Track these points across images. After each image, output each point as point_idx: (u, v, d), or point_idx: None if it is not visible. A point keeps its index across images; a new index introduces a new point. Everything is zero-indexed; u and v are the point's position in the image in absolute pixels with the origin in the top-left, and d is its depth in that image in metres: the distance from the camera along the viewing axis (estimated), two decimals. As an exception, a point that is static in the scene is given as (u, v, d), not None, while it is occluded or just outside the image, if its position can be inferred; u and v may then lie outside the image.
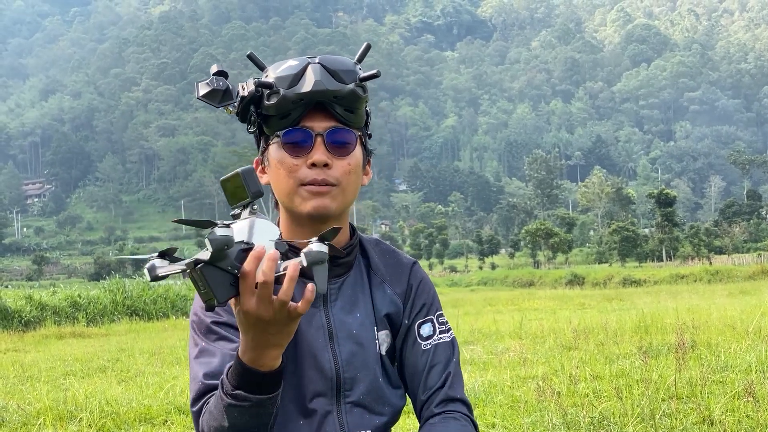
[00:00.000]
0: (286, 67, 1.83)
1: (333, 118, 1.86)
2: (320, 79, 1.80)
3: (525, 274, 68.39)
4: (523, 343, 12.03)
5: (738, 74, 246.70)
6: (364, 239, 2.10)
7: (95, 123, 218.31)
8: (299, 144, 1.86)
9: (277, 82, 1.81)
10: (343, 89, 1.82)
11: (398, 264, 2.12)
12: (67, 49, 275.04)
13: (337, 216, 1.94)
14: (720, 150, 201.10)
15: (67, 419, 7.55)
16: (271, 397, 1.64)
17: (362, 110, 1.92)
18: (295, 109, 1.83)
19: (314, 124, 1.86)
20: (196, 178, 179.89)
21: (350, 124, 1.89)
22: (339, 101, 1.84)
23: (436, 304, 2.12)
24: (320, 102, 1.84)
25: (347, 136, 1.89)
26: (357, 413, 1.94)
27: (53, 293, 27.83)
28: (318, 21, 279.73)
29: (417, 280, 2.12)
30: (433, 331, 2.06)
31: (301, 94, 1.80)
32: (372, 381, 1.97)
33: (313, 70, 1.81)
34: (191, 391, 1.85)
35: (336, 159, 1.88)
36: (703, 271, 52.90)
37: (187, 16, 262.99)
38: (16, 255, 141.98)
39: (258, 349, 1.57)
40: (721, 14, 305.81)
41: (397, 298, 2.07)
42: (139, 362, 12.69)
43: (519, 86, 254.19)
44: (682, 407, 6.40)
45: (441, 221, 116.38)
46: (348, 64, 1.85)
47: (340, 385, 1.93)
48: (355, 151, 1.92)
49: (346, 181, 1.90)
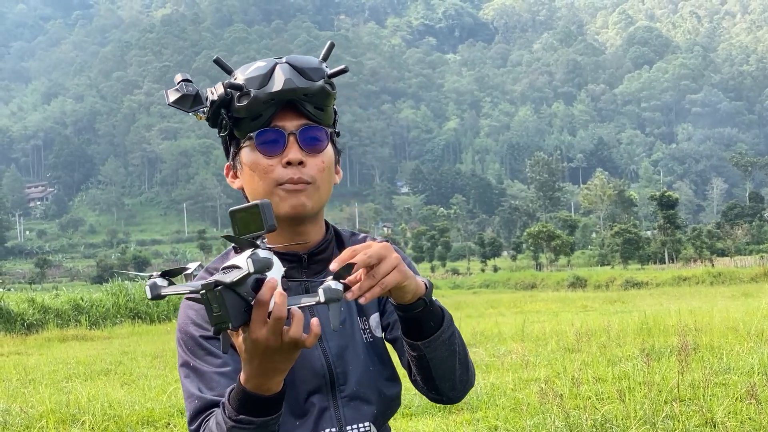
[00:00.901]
0: (255, 68, 1.85)
1: (304, 116, 1.88)
2: (290, 78, 1.82)
3: (527, 277, 68.41)
4: (525, 345, 12.04)
5: (740, 76, 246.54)
6: (339, 233, 2.11)
7: (97, 126, 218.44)
8: (273, 144, 1.87)
9: (247, 83, 1.82)
10: (312, 86, 1.84)
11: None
12: (70, 52, 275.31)
13: (313, 215, 1.96)
14: (722, 152, 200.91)
15: (70, 422, 7.57)
16: (275, 416, 1.66)
17: (331, 108, 1.94)
18: (266, 110, 1.84)
19: (286, 123, 1.87)
20: (199, 181, 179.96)
21: (321, 121, 1.91)
22: (309, 99, 1.86)
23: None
24: (291, 101, 1.85)
25: (319, 134, 1.91)
26: (353, 406, 1.95)
27: (56, 296, 27.87)
28: (320, 24, 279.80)
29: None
30: None
31: (271, 93, 1.81)
32: (363, 371, 1.97)
33: (282, 69, 1.83)
34: (187, 410, 1.84)
35: (310, 157, 1.90)
36: (706, 273, 52.90)
37: (189, 19, 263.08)
38: (19, 258, 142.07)
39: (262, 377, 1.58)
40: (723, 16, 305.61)
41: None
42: (142, 365, 12.71)
43: (521, 89, 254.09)
44: (685, 410, 6.41)
45: (443, 224, 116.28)
46: (315, 62, 1.87)
47: (334, 380, 1.94)
48: (328, 149, 1.94)
49: (320, 178, 1.92)
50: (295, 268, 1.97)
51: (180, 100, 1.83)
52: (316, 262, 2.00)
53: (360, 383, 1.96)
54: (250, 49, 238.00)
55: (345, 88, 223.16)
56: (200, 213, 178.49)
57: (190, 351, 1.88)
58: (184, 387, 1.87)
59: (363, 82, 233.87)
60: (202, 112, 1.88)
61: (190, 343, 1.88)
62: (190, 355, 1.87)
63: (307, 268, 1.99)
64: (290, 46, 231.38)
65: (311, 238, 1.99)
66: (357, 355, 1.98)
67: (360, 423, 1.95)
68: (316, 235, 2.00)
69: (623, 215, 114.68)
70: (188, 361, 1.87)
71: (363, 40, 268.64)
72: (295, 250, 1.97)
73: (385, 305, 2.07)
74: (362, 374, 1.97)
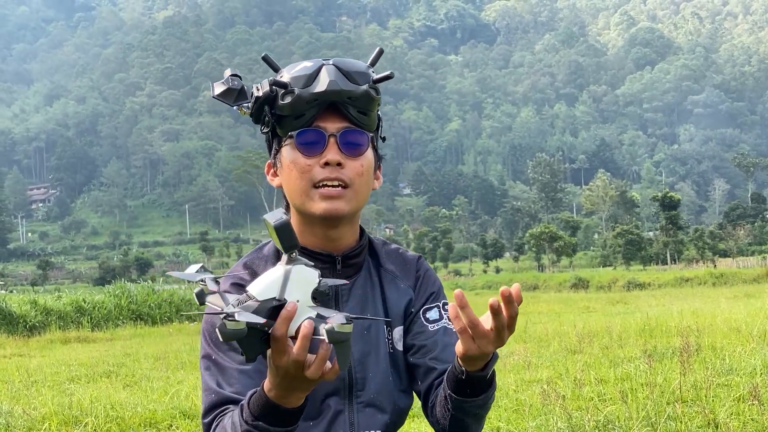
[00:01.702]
0: (301, 68, 1.86)
1: (346, 119, 1.89)
2: (335, 80, 1.82)
3: (529, 278, 68.35)
4: (527, 346, 12.04)
5: (742, 77, 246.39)
6: (373, 240, 2.13)
7: (100, 128, 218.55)
8: (313, 144, 1.88)
9: (292, 82, 1.84)
10: (356, 90, 1.85)
11: (405, 260, 2.14)
12: (72, 54, 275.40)
13: (349, 218, 1.96)
14: (724, 153, 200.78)
15: (73, 424, 7.57)
16: (291, 428, 1.64)
17: (375, 113, 1.95)
18: (309, 110, 1.85)
19: (327, 124, 1.88)
20: (201, 182, 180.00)
21: (363, 126, 1.92)
22: (352, 102, 1.86)
23: (442, 295, 2.14)
24: (334, 103, 1.86)
25: (360, 138, 1.91)
26: (368, 413, 1.95)
27: (58, 298, 27.85)
28: (322, 25, 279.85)
29: (423, 271, 2.14)
30: (439, 316, 2.07)
31: (315, 93, 1.82)
32: (383, 380, 1.98)
33: (328, 71, 1.84)
34: (203, 403, 1.84)
35: (349, 159, 1.90)
36: (708, 274, 52.83)
37: (192, 20, 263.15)
38: (21, 260, 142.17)
39: (285, 392, 1.57)
40: (725, 17, 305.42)
41: (410, 289, 2.09)
42: (144, 367, 12.71)
43: (523, 90, 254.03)
44: (687, 411, 6.40)
45: (445, 225, 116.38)
46: (361, 67, 1.90)
47: (353, 384, 1.94)
48: (367, 153, 1.95)
49: (358, 182, 1.92)
50: (328, 269, 1.97)
51: (225, 94, 1.84)
52: (349, 265, 2.01)
53: (378, 391, 1.96)
54: (252, 51, 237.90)
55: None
56: (202, 215, 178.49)
57: (213, 343, 1.87)
58: (203, 379, 1.86)
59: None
60: (246, 108, 1.89)
61: (215, 336, 1.85)
62: (213, 348, 1.87)
63: (340, 270, 1.99)
64: (292, 48, 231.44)
65: (344, 241, 1.99)
66: (378, 363, 1.98)
67: (372, 430, 1.95)
68: (350, 238, 2.01)
69: (625, 216, 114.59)
70: (210, 354, 1.87)
71: (365, 41, 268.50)
72: (330, 251, 1.98)
73: (411, 325, 2.07)
74: (381, 383, 1.97)
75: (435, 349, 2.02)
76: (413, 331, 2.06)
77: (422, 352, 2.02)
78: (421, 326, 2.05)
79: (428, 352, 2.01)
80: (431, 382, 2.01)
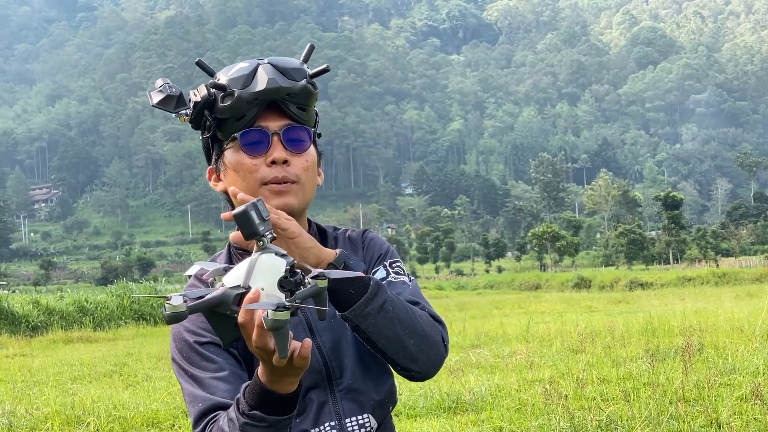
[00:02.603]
0: (238, 68, 1.86)
1: (286, 116, 1.90)
2: (273, 77, 1.83)
3: (531, 278, 68.39)
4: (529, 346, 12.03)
5: (744, 76, 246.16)
6: (321, 227, 2.14)
7: (102, 128, 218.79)
8: (257, 144, 1.88)
9: (231, 84, 1.84)
10: (295, 86, 1.86)
11: (352, 238, 2.15)
12: (74, 54, 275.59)
13: (298, 214, 1.96)
14: (726, 152, 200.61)
15: (75, 424, 7.58)
16: (287, 417, 1.67)
17: (313, 108, 1.96)
18: (249, 110, 1.85)
19: (269, 123, 1.89)
20: (203, 182, 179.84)
21: (303, 122, 1.93)
22: (292, 99, 1.87)
23: (390, 254, 2.13)
24: (273, 101, 1.87)
25: (302, 134, 1.93)
26: (351, 398, 1.95)
27: (60, 298, 27.88)
28: (323, 25, 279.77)
29: (368, 240, 2.15)
30: (386, 274, 2.07)
31: (255, 93, 1.82)
32: (357, 363, 1.98)
33: (265, 69, 1.85)
34: (191, 414, 1.84)
35: (294, 156, 1.91)
36: (710, 273, 52.85)
37: (193, 20, 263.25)
38: (24, 260, 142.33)
39: (275, 376, 1.58)
40: (727, 16, 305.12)
41: (361, 263, 2.07)
42: (147, 367, 12.72)
43: (525, 89, 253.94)
44: (690, 410, 6.40)
45: (447, 225, 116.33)
46: (296, 63, 1.90)
47: (330, 374, 1.94)
48: (311, 149, 1.96)
49: (305, 177, 1.94)
50: None
51: (164, 101, 1.85)
52: None
53: (355, 375, 1.96)
54: (254, 51, 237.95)
55: (349, 89, 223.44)
56: (204, 214, 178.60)
57: (185, 358, 1.88)
58: (186, 391, 1.86)
59: (367, 83, 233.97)
60: (186, 114, 1.89)
61: (185, 349, 1.88)
62: (185, 363, 1.88)
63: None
64: (294, 48, 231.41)
65: None
66: (349, 347, 1.98)
67: (359, 415, 1.95)
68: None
69: (627, 216, 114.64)
70: (186, 369, 1.87)
71: (367, 41, 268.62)
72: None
73: None
74: (356, 366, 1.97)
75: None
76: None
77: None
78: None
79: None
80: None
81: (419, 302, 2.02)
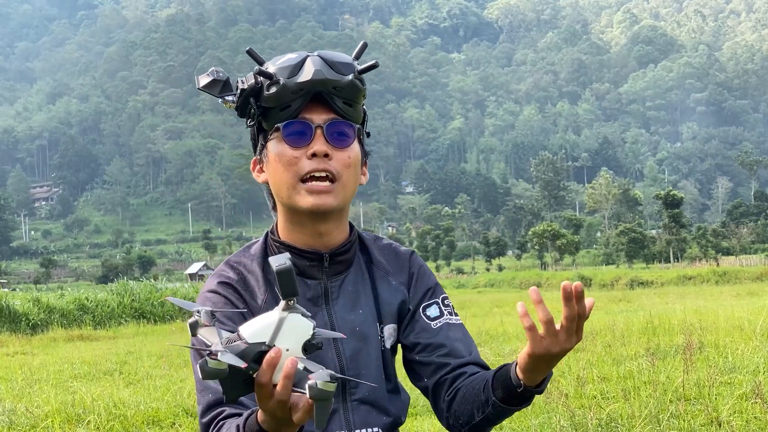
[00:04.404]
0: (286, 59, 1.85)
1: (332, 110, 1.87)
2: (320, 69, 1.81)
3: (532, 276, 68.27)
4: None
5: (745, 75, 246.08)
6: (363, 235, 2.09)
7: (102, 126, 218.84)
8: (299, 135, 1.86)
9: (278, 73, 1.82)
10: (342, 80, 1.84)
11: (397, 255, 2.10)
12: (74, 52, 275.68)
13: (337, 213, 1.94)
14: (727, 151, 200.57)
15: (75, 422, 7.57)
16: None
17: (360, 105, 1.93)
18: (294, 100, 1.83)
19: (314, 116, 1.86)
20: (203, 180, 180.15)
21: (349, 117, 1.89)
22: (338, 92, 1.85)
23: (439, 289, 2.10)
24: (319, 94, 1.84)
25: (347, 129, 1.89)
26: (363, 410, 1.92)
27: (61, 296, 27.92)
28: (324, 24, 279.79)
29: (417, 267, 2.10)
30: (440, 312, 2.04)
31: (300, 83, 1.81)
32: (376, 377, 1.95)
33: (313, 61, 1.83)
34: (200, 403, 1.82)
35: (336, 151, 1.87)
36: (711, 272, 52.78)
37: (194, 19, 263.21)
38: (24, 258, 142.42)
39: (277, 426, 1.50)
40: (728, 15, 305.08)
41: (402, 287, 2.05)
42: (147, 365, 12.71)
43: (525, 88, 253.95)
44: (690, 409, 6.40)
45: (448, 223, 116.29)
46: (346, 58, 1.89)
47: (346, 382, 1.91)
48: (354, 145, 1.93)
49: (346, 174, 1.90)
50: (315, 267, 1.95)
51: (210, 85, 1.84)
52: (337, 262, 1.97)
53: (371, 389, 1.93)
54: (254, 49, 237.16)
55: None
56: (205, 213, 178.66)
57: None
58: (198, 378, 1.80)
59: (367, 81, 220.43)
60: (232, 101, 1.87)
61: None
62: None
63: (328, 267, 1.96)
64: (294, 46, 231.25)
65: (333, 237, 1.96)
66: (371, 361, 1.95)
67: (369, 428, 1.93)
68: (339, 234, 1.98)
69: (628, 214, 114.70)
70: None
71: (367, 39, 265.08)
72: (317, 249, 1.94)
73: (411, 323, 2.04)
74: (374, 380, 1.94)
75: (445, 347, 1.99)
76: (415, 329, 2.03)
77: (429, 350, 1.99)
78: (423, 324, 2.02)
79: (436, 350, 1.99)
80: (442, 378, 1.98)
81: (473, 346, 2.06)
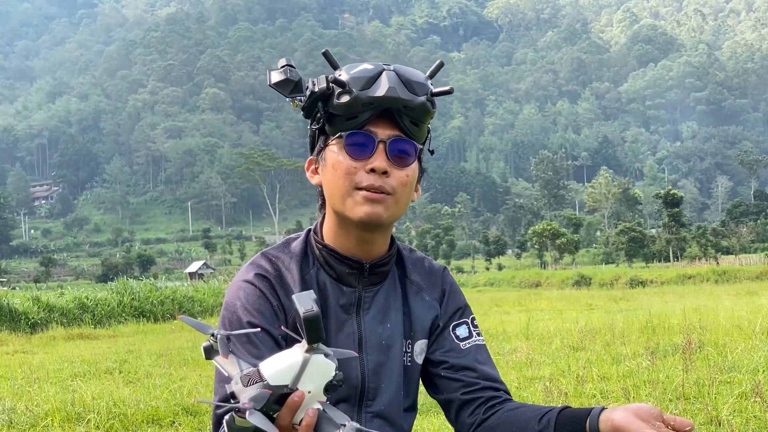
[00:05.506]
0: (361, 69, 1.83)
1: (398, 127, 1.85)
2: (394, 86, 1.80)
3: (532, 275, 68.26)
4: (530, 343, 12.03)
5: (744, 74, 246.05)
6: (400, 248, 2.09)
7: (102, 125, 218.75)
8: (361, 147, 1.84)
9: (351, 83, 1.81)
10: (414, 100, 1.82)
11: (431, 271, 2.12)
12: (74, 51, 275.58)
13: (385, 226, 1.94)
14: (727, 150, 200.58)
15: (75, 420, 7.57)
16: None
17: (426, 125, 1.91)
18: (363, 113, 1.82)
19: (378, 130, 1.84)
20: (203, 179, 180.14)
21: (413, 136, 1.88)
22: (407, 111, 1.83)
23: (468, 310, 2.14)
24: (388, 109, 1.83)
25: (409, 148, 1.88)
26: (377, 424, 1.93)
27: (60, 295, 27.88)
28: (324, 22, 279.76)
29: (449, 285, 2.13)
30: (469, 333, 2.08)
31: (373, 97, 1.79)
32: (395, 393, 1.97)
33: (388, 76, 1.81)
34: (217, 394, 1.82)
35: (395, 168, 1.86)
36: (710, 271, 52.76)
37: (194, 17, 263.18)
38: (24, 257, 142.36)
39: None
40: (728, 14, 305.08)
41: (435, 303, 2.07)
42: (147, 364, 12.71)
43: (525, 87, 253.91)
44: (690, 408, 6.40)
45: (447, 222, 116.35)
46: (421, 77, 1.85)
47: (364, 393, 1.92)
48: (413, 165, 1.91)
49: (401, 192, 1.89)
50: (354, 275, 1.96)
51: (282, 84, 1.83)
52: (375, 273, 1.98)
53: (388, 404, 1.95)
54: (254, 48, 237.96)
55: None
56: (205, 212, 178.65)
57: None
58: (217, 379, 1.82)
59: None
60: (300, 101, 1.87)
61: (235, 324, 1.85)
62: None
63: (366, 277, 1.97)
64: (294, 45, 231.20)
65: (376, 248, 1.97)
66: (392, 375, 1.97)
67: None
68: (381, 246, 1.99)
69: (628, 213, 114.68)
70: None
71: (367, 38, 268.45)
72: (360, 257, 1.95)
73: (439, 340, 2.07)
74: (393, 395, 1.96)
75: (473, 370, 2.02)
76: (444, 347, 2.04)
77: (455, 369, 2.01)
78: (451, 343, 2.04)
79: (463, 370, 2.01)
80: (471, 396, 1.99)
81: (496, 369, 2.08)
